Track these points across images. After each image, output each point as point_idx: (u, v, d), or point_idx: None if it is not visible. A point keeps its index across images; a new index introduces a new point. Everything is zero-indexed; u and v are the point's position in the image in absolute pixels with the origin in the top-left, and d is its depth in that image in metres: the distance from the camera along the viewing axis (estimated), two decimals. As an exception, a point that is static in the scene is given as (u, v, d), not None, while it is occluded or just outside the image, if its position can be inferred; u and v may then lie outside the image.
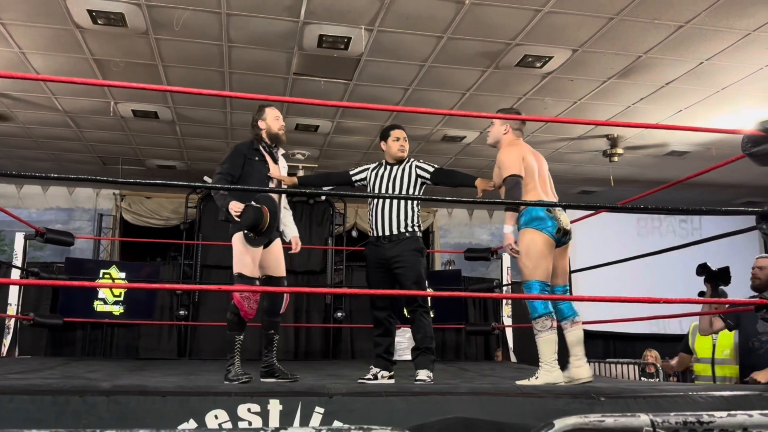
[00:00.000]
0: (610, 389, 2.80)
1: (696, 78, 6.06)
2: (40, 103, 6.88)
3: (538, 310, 3.47)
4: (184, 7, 4.96)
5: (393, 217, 3.93)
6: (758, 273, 3.99)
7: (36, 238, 5.97)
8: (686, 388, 2.97)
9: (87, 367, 4.72)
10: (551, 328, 3.46)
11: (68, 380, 3.13)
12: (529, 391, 2.75)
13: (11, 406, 2.32)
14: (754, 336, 3.94)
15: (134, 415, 2.34)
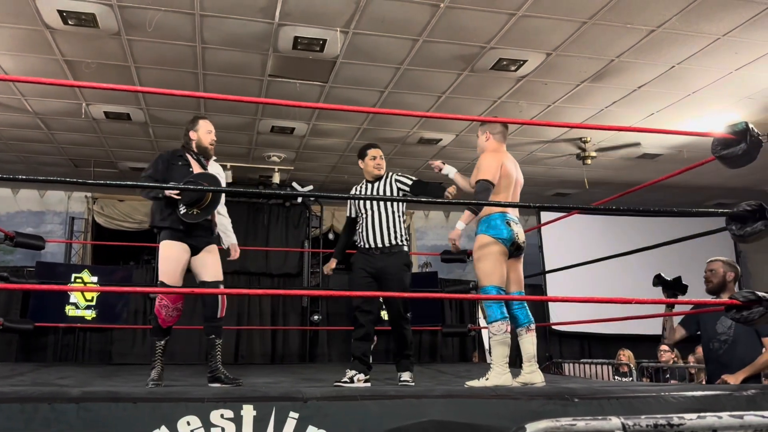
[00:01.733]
0: (583, 390, 2.83)
1: (667, 82, 6.15)
2: (9, 104, 6.76)
3: (495, 315, 3.60)
4: (157, 8, 4.90)
5: (384, 229, 4.22)
6: (710, 276, 4.10)
7: (5, 241, 5.85)
8: (658, 389, 3.01)
9: (58, 373, 4.64)
10: (506, 332, 3.59)
11: (38, 387, 3.07)
12: (504, 393, 2.76)
13: (-22, 415, 2.26)
14: (713, 337, 4.01)
15: (105, 422, 2.31)
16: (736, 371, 3.66)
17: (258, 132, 7.63)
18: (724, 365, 3.82)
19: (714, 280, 4.06)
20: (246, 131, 7.62)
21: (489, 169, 3.73)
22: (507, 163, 3.82)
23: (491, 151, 3.91)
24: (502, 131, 3.98)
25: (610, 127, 4.54)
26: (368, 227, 4.23)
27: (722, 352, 3.93)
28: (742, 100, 6.55)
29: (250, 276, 9.22)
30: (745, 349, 3.78)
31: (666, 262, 10.47)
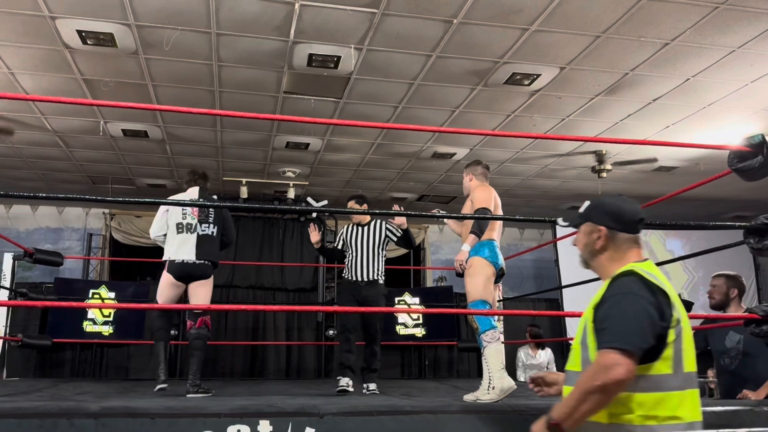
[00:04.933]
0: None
1: (682, 94, 6.13)
2: (29, 123, 6.87)
3: (486, 325, 3.92)
4: (174, 27, 4.98)
5: (370, 266, 4.96)
6: (713, 292, 4.08)
7: (24, 258, 5.94)
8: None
9: (76, 388, 4.68)
10: (498, 339, 3.92)
11: (56, 402, 3.09)
12: (521, 409, 2.75)
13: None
14: (724, 353, 3.97)
15: (122, 438, 2.32)
16: (752, 385, 3.62)
17: (273, 148, 7.69)
18: (740, 379, 3.78)
19: (717, 296, 4.05)
20: (261, 147, 7.69)
21: (486, 199, 4.13)
22: (495, 198, 4.27)
23: (480, 185, 4.34)
24: (483, 172, 4.44)
25: (626, 141, 4.52)
26: (356, 263, 4.99)
27: (734, 367, 3.89)
28: (759, 112, 6.51)
29: (266, 291, 9.26)
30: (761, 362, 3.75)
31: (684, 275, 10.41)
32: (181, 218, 4.59)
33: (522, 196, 9.59)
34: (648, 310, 1.83)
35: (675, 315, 1.87)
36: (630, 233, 2.04)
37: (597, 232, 2.06)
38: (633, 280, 1.89)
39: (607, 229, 2.04)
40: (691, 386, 1.88)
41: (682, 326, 1.90)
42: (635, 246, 2.05)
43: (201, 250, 4.49)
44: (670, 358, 1.84)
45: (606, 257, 2.05)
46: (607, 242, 2.04)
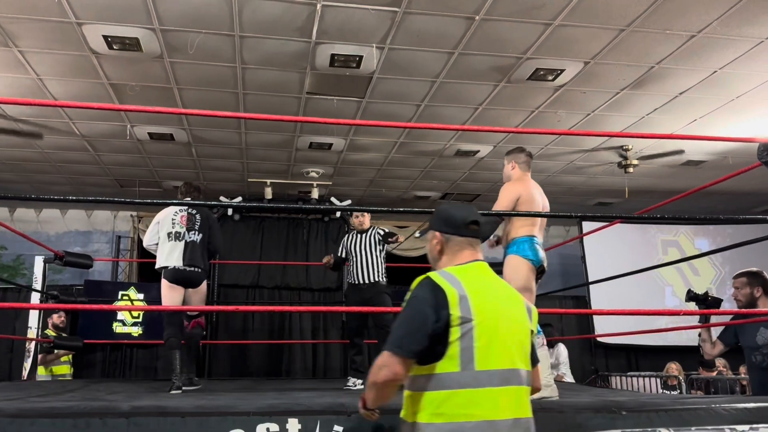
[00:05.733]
0: (631, 403, 2.77)
1: (710, 87, 6.03)
2: (58, 128, 6.99)
3: None
4: (198, 30, 5.03)
5: (371, 269, 5.35)
6: (737, 294, 4.02)
7: (55, 261, 6.05)
8: (709, 401, 2.93)
9: (107, 388, 4.75)
10: (543, 345, 3.76)
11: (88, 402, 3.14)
12: (549, 407, 2.73)
13: (33, 429, 2.34)
14: (755, 349, 3.90)
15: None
16: None
17: (297, 149, 7.73)
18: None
19: (741, 298, 4.00)
20: (285, 148, 7.73)
21: (503, 201, 3.96)
22: (532, 192, 4.04)
23: (515, 180, 4.12)
24: (527, 160, 4.18)
25: (652, 135, 4.46)
26: (358, 267, 5.38)
27: (766, 364, 3.82)
28: (789, 104, 6.38)
29: (291, 291, 9.31)
30: None
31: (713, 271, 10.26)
32: (171, 227, 4.87)
33: (547, 193, 9.34)
34: (424, 312, 1.92)
35: (457, 313, 1.91)
36: (462, 236, 2.12)
37: (435, 238, 2.16)
38: (423, 284, 1.99)
39: (441, 234, 2.14)
40: (492, 384, 1.90)
41: (476, 324, 1.92)
42: (468, 248, 2.13)
43: (187, 256, 4.77)
44: (456, 356, 1.90)
45: (444, 261, 2.14)
46: (442, 246, 2.14)
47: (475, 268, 2.08)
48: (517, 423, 1.90)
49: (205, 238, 4.93)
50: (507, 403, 1.90)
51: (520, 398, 1.94)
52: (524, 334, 2.03)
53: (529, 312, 2.12)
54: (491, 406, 1.87)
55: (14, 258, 9.51)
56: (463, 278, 2.00)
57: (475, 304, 1.93)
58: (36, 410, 2.51)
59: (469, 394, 1.87)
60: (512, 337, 1.98)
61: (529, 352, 2.04)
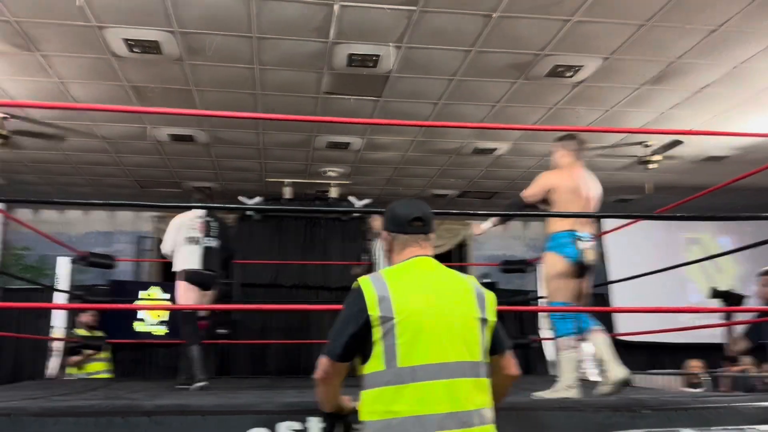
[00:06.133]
0: (652, 401, 2.75)
1: (731, 82, 5.95)
2: (79, 130, 7.09)
3: (560, 330, 3.65)
4: (216, 32, 5.07)
5: None
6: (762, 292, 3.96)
7: (79, 261, 6.12)
8: (731, 399, 2.89)
9: (129, 387, 4.80)
10: (573, 347, 3.63)
11: (111, 401, 3.19)
12: (569, 405, 2.71)
13: (55, 428, 2.38)
14: None
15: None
16: None
17: (314, 148, 7.76)
18: None
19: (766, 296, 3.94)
20: (303, 148, 7.76)
21: (533, 187, 3.86)
22: (574, 181, 3.86)
23: (560, 168, 3.96)
24: (578, 148, 4.03)
25: (673, 131, 4.41)
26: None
27: None
28: (813, 98, 6.27)
29: (309, 290, 9.34)
30: None
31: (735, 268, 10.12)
32: (188, 233, 5.01)
33: (566, 190, 9.45)
34: (346, 317, 2.02)
35: (376, 314, 1.95)
36: (405, 233, 2.16)
37: (385, 237, 2.22)
38: (352, 289, 2.06)
39: (388, 233, 2.20)
40: (416, 380, 1.90)
41: (397, 322, 1.94)
42: (411, 244, 2.16)
43: (205, 260, 4.95)
44: (380, 355, 1.94)
45: (394, 258, 2.20)
46: (391, 244, 2.21)
47: (413, 264, 2.11)
48: (452, 417, 1.87)
49: (223, 244, 5.11)
50: (437, 398, 1.88)
51: (456, 391, 1.90)
52: (466, 326, 2.00)
53: (481, 301, 2.07)
54: (416, 401, 1.88)
55: (38, 258, 9.66)
56: (391, 278, 2.04)
57: (397, 302, 1.96)
58: (59, 409, 2.55)
59: (393, 390, 1.90)
60: (447, 330, 1.96)
61: (478, 342, 2.00)
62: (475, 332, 2.01)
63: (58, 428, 2.37)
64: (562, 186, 3.80)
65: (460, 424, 1.88)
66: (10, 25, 4.91)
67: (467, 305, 2.04)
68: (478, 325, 2.02)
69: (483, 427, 1.92)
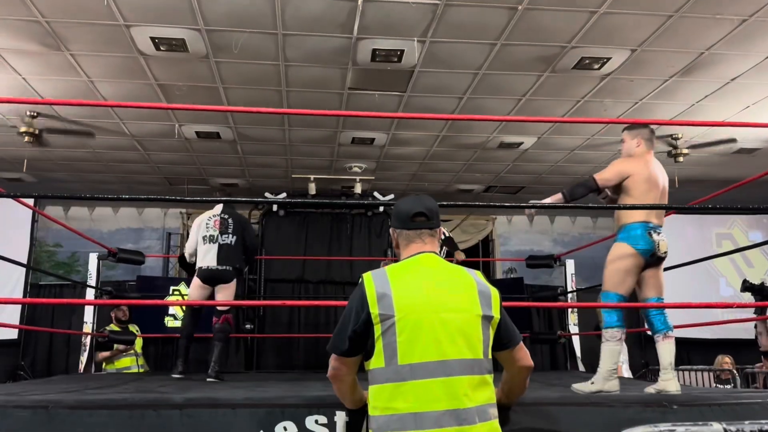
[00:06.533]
0: (682, 397, 2.72)
1: (762, 72, 5.82)
2: (109, 128, 7.20)
3: (610, 322, 3.56)
4: (242, 30, 5.11)
5: None
6: None
7: (108, 258, 6.22)
8: (764, 395, 2.84)
9: (159, 381, 4.87)
10: (619, 339, 3.55)
11: (142, 395, 3.24)
12: (598, 401, 2.69)
13: (90, 420, 2.42)
14: None
15: (206, 427, 2.42)
16: None
17: (339, 144, 7.78)
18: None
19: None
20: (328, 144, 7.79)
21: (609, 172, 3.69)
22: (652, 170, 3.72)
23: (636, 156, 3.80)
24: (651, 137, 3.87)
25: (703, 123, 4.33)
26: None
27: None
28: None
29: (335, 285, 9.38)
30: None
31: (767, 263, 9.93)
32: (206, 231, 5.12)
33: (593, 184, 9.35)
34: (349, 314, 2.03)
35: (377, 311, 1.95)
36: (409, 229, 2.17)
37: (392, 234, 2.24)
38: (358, 285, 2.06)
39: (394, 230, 2.22)
40: (415, 377, 1.90)
41: (397, 319, 1.94)
42: (415, 240, 2.16)
43: (221, 256, 5.02)
44: (381, 352, 1.95)
45: (401, 254, 2.19)
46: (397, 240, 2.22)
47: (416, 261, 2.11)
48: (450, 414, 1.87)
49: (239, 240, 5.13)
50: (435, 395, 1.88)
51: (455, 389, 1.89)
52: (468, 323, 1.97)
53: (485, 298, 2.04)
54: (414, 398, 1.88)
55: (69, 255, 9.84)
56: (394, 275, 2.05)
57: (398, 300, 1.96)
58: (94, 402, 2.60)
59: (393, 388, 1.91)
60: (447, 328, 1.95)
61: (480, 339, 1.98)
62: (477, 329, 1.99)
63: (93, 420, 2.42)
64: (639, 174, 3.65)
65: (459, 421, 1.87)
66: (40, 25, 5.00)
67: (469, 302, 2.02)
68: (480, 322, 2.00)
69: (483, 424, 1.91)
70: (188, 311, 5.31)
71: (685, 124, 4.25)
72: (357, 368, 2.12)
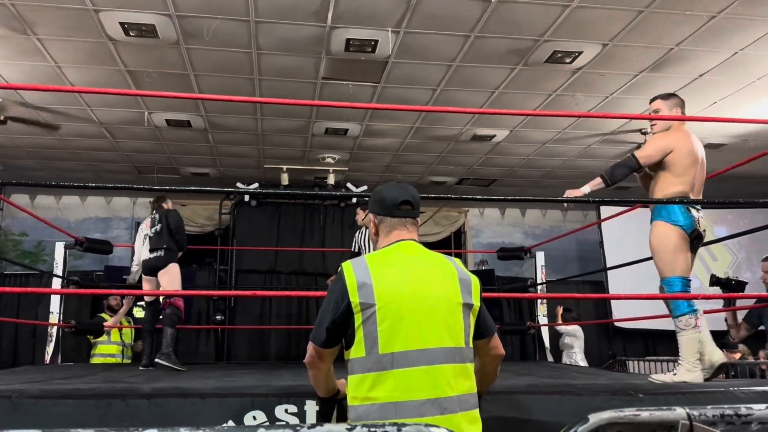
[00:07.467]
0: (649, 386, 2.77)
1: (730, 69, 5.94)
2: (76, 115, 7.06)
3: (682, 308, 3.34)
4: (214, 16, 5.04)
5: None
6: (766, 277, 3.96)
7: (75, 247, 6.11)
8: (727, 384, 2.92)
9: (128, 372, 4.82)
10: (695, 326, 3.32)
11: (111, 384, 3.20)
12: (566, 390, 2.73)
13: (55, 410, 2.39)
14: None
15: (175, 417, 2.39)
16: None
17: (312, 134, 7.74)
18: None
19: None
20: (301, 134, 7.74)
21: (651, 148, 3.48)
22: (692, 144, 3.51)
23: (675, 129, 3.59)
24: (684, 106, 3.69)
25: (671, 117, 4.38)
26: None
27: None
28: (812, 85, 6.27)
29: (308, 276, 9.36)
30: None
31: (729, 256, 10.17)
32: (143, 233, 5.51)
33: (565, 177, 9.45)
34: (328, 304, 2.00)
35: (357, 300, 1.93)
36: (393, 216, 2.13)
37: (371, 220, 2.20)
38: (337, 273, 2.04)
39: (374, 216, 2.18)
40: (395, 366, 1.88)
41: (378, 308, 1.92)
42: (398, 228, 2.13)
43: (151, 247, 5.33)
44: (361, 341, 1.93)
45: (380, 241, 2.16)
46: (377, 227, 2.18)
47: (397, 249, 2.09)
48: (431, 403, 1.86)
49: (164, 226, 5.36)
50: (417, 384, 1.87)
51: (437, 378, 1.89)
52: (449, 311, 1.97)
53: (465, 286, 2.04)
54: (396, 388, 1.87)
55: (35, 244, 9.65)
56: (374, 263, 2.02)
57: (378, 289, 1.94)
58: (59, 392, 2.56)
59: (374, 377, 1.89)
60: (428, 316, 1.94)
61: (462, 327, 1.98)
62: (459, 317, 1.98)
63: (58, 410, 2.38)
64: (683, 148, 3.46)
65: (441, 410, 1.86)
66: (5, 8, 4.87)
67: (451, 290, 2.01)
68: (461, 310, 1.99)
69: (465, 413, 1.90)
70: (147, 306, 5.56)
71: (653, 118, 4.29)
72: (333, 359, 2.10)
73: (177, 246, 5.43)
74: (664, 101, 3.68)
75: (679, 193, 3.42)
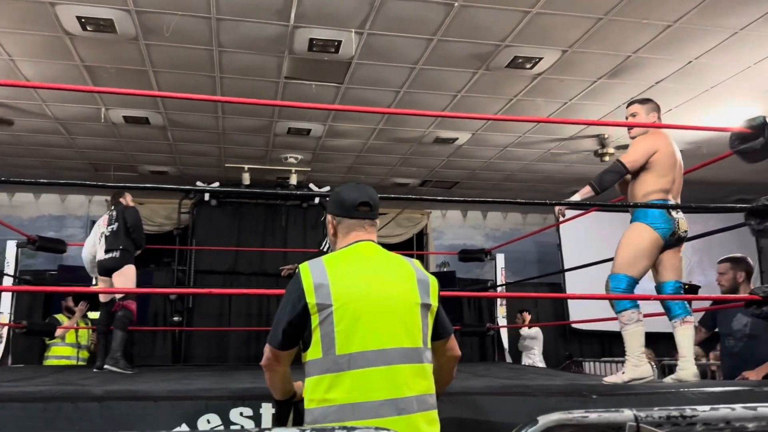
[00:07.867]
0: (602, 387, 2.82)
1: (685, 77, 6.09)
2: (30, 110, 6.87)
3: (623, 304, 3.36)
4: (174, 12, 4.96)
5: None
6: (721, 279, 4.06)
7: (28, 245, 5.97)
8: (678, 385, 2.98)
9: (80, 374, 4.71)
10: (637, 321, 3.36)
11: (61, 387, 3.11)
12: (521, 391, 2.76)
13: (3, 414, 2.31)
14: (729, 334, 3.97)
15: (127, 420, 2.34)
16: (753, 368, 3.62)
17: (275, 134, 7.68)
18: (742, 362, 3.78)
19: (725, 283, 4.03)
20: (263, 133, 7.68)
21: (636, 152, 3.49)
22: (672, 147, 3.56)
23: (653, 132, 3.63)
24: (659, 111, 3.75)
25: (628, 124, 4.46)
26: None
27: (738, 349, 3.90)
28: (762, 95, 6.47)
29: (269, 277, 9.26)
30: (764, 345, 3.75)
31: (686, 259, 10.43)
32: (99, 231, 5.45)
33: (525, 181, 9.59)
34: (285, 305, 1.99)
35: (314, 301, 1.92)
36: (351, 218, 2.12)
37: (330, 221, 2.18)
38: (294, 276, 2.02)
39: (332, 217, 2.16)
40: (352, 367, 1.87)
41: (335, 309, 1.91)
42: (356, 229, 2.12)
43: (107, 247, 5.27)
44: (318, 343, 1.91)
45: (338, 242, 2.16)
46: (335, 228, 2.16)
47: (355, 249, 2.08)
48: (389, 403, 1.85)
49: (121, 224, 5.29)
50: (375, 385, 1.86)
51: (395, 378, 1.88)
52: (407, 312, 1.97)
53: (423, 286, 2.03)
54: (353, 389, 1.86)
55: (-14, 242, 9.36)
56: (331, 264, 2.00)
57: (335, 289, 1.93)
58: (7, 394, 2.49)
59: (331, 378, 1.88)
60: (386, 316, 1.93)
61: (419, 328, 1.97)
62: (417, 318, 1.98)
63: (5, 413, 2.30)
64: (665, 149, 3.51)
65: (398, 410, 1.85)
66: (-44, -2, 4.72)
67: (409, 291, 2.00)
68: (419, 310, 1.99)
69: (423, 414, 1.90)
70: (101, 306, 5.51)
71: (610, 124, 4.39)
72: (291, 361, 2.07)
73: (134, 245, 5.34)
74: (641, 105, 3.73)
75: (661, 195, 3.45)
